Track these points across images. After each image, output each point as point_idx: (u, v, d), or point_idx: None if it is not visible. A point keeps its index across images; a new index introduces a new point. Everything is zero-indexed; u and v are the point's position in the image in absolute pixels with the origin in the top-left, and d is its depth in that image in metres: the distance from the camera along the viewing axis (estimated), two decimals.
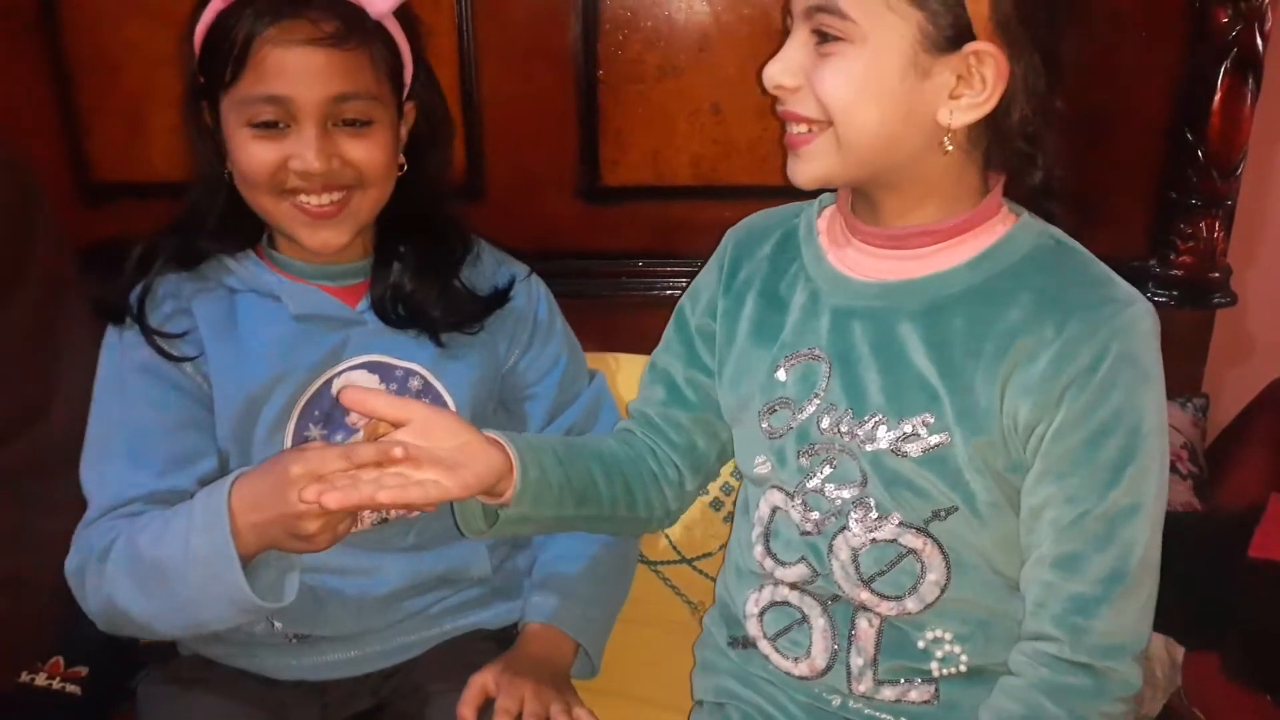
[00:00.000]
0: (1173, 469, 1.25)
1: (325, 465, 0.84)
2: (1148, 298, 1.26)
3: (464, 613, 1.08)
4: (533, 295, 1.12)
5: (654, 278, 1.36)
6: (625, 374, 1.26)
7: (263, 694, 1.03)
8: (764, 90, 0.85)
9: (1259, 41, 1.21)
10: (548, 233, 1.32)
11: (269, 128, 0.94)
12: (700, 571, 1.20)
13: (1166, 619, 0.83)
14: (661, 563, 1.20)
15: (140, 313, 1.00)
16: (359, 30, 0.94)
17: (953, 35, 0.77)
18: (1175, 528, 0.82)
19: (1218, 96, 1.23)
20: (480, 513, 0.92)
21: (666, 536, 1.21)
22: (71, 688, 1.05)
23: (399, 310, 1.03)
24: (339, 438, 1.02)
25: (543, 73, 1.28)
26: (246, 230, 1.03)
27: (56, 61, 1.28)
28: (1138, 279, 1.30)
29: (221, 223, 1.02)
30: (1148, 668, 1.09)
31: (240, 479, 0.89)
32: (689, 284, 1.34)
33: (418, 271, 1.04)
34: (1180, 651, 1.07)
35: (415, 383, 1.04)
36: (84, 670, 1.07)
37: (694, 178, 1.31)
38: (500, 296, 1.08)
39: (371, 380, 1.03)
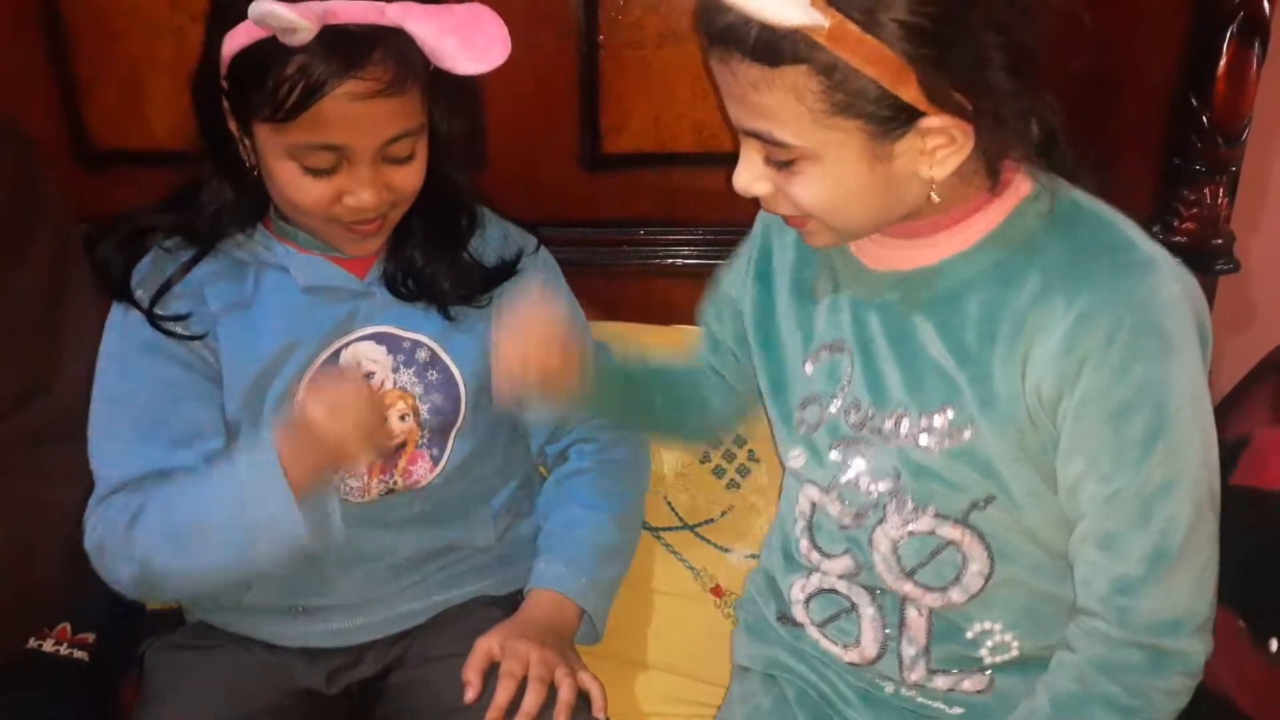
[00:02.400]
0: None
1: (328, 384, 0.92)
2: None
3: (468, 580, 1.09)
4: (540, 264, 1.12)
5: (656, 246, 1.36)
6: (629, 344, 1.26)
7: (268, 660, 1.04)
8: None
9: (1266, 6, 1.20)
10: (549, 201, 1.32)
11: (323, 168, 0.93)
12: (703, 538, 1.21)
13: None
14: (665, 529, 1.21)
15: (151, 302, 0.99)
16: (411, 69, 0.91)
17: (902, 120, 0.73)
18: None
19: (1223, 61, 1.21)
20: None
21: (669, 503, 1.22)
22: (79, 654, 1.07)
23: (408, 284, 1.04)
24: None
25: (543, 39, 1.26)
26: (256, 207, 1.02)
27: (55, 29, 1.27)
28: None
29: (233, 204, 1.01)
30: None
31: (279, 435, 0.91)
32: (691, 251, 1.35)
33: (427, 245, 1.04)
34: None
35: (423, 354, 1.04)
36: (91, 637, 1.08)
37: (696, 145, 1.31)
38: (507, 269, 1.08)
39: (379, 351, 1.03)
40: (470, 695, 0.94)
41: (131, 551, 0.95)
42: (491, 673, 0.95)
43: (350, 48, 0.88)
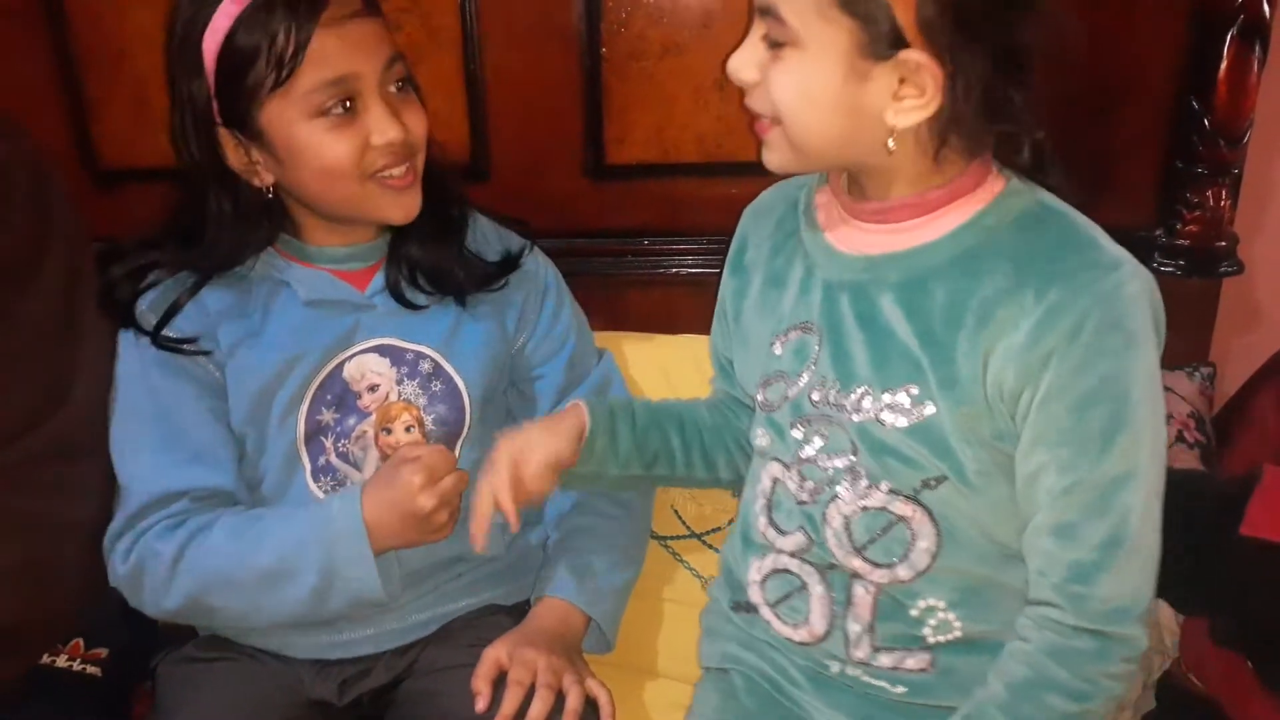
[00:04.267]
0: (1179, 438, 1.25)
1: (439, 470, 0.95)
2: (1154, 267, 1.30)
3: (477, 589, 1.09)
4: (539, 268, 1.14)
5: (660, 255, 1.37)
6: (633, 352, 1.27)
7: (279, 671, 1.04)
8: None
9: (1266, 8, 1.20)
10: (554, 211, 1.33)
11: (341, 113, 0.94)
12: (710, 546, 1.21)
13: (1163, 584, 0.83)
14: (672, 538, 1.21)
15: (159, 325, 1.01)
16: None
17: (887, 42, 0.77)
18: (1171, 493, 0.82)
19: (1224, 64, 1.22)
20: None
21: (676, 512, 1.22)
22: (92, 669, 1.07)
23: (420, 282, 1.05)
24: (351, 421, 1.04)
25: (546, 52, 1.27)
26: (265, 229, 1.03)
27: (63, 49, 1.29)
28: (1144, 248, 1.31)
29: (241, 239, 1.02)
30: (1156, 635, 1.10)
31: (366, 493, 0.96)
32: (694, 260, 1.36)
33: (427, 240, 1.05)
34: (1181, 618, 1.08)
35: (426, 365, 1.05)
36: (104, 652, 1.08)
37: (698, 154, 1.31)
38: (512, 261, 1.10)
39: (383, 364, 1.04)
40: (481, 705, 0.94)
41: (180, 585, 0.98)
42: (501, 681, 0.95)
43: None
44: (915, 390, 0.83)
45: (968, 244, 0.83)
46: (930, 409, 0.83)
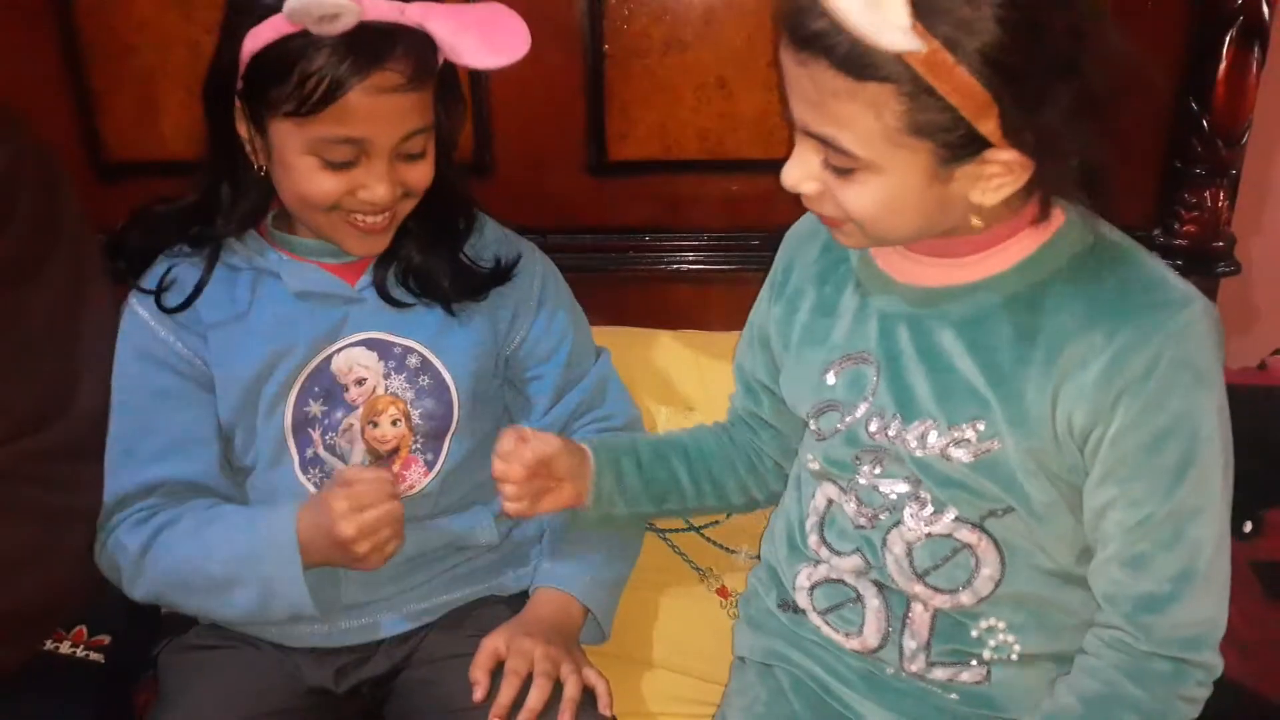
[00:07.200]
0: None
1: (366, 499, 0.94)
2: None
3: (474, 580, 1.10)
4: (536, 272, 1.13)
5: (661, 251, 1.37)
6: (634, 348, 1.27)
7: (278, 659, 1.05)
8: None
9: (1265, 9, 1.21)
10: (556, 208, 1.34)
11: (339, 164, 0.95)
12: (708, 539, 1.22)
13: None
14: (671, 531, 1.22)
15: (157, 296, 1.03)
16: (428, 67, 0.94)
17: (972, 149, 0.74)
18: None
19: (1223, 65, 1.23)
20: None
21: None
22: (95, 655, 1.08)
23: (409, 283, 1.05)
24: (339, 414, 1.04)
25: (550, 49, 1.28)
26: (253, 212, 1.04)
27: (69, 42, 1.30)
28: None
29: (230, 208, 1.03)
30: None
31: (302, 510, 0.97)
32: (695, 256, 1.37)
33: (426, 245, 1.05)
34: None
35: (414, 360, 1.05)
36: (107, 639, 1.09)
37: (701, 151, 1.32)
38: (507, 269, 1.09)
39: (370, 357, 1.04)
40: (478, 694, 0.95)
41: (145, 581, 1.01)
42: (499, 671, 0.96)
43: (374, 43, 0.91)
44: (982, 426, 0.82)
45: (1032, 279, 0.81)
46: (996, 444, 0.81)
